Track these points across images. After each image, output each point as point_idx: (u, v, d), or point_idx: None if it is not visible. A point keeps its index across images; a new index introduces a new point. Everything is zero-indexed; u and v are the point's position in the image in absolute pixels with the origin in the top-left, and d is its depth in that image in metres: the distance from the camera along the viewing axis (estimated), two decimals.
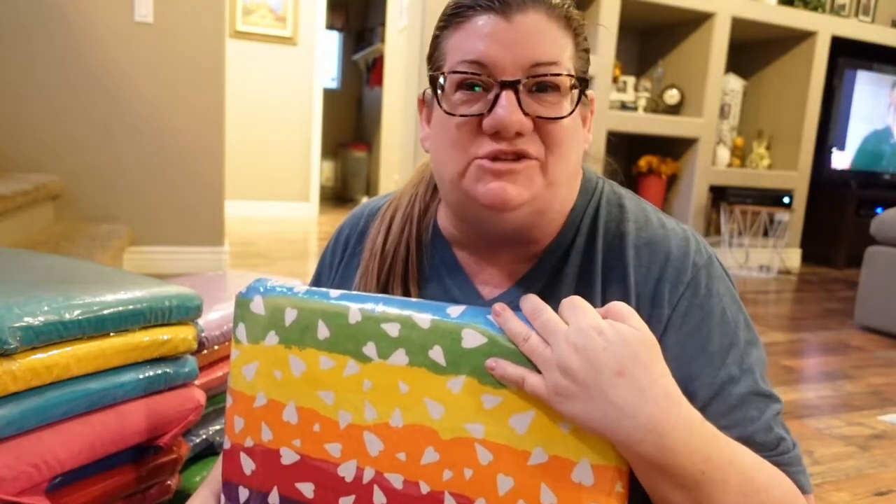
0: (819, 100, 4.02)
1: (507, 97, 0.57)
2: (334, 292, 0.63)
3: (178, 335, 0.85)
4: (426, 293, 0.71)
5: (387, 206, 0.75)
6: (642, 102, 3.74)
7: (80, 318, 0.73)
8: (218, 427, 1.03)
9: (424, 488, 0.56)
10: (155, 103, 2.73)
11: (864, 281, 2.74)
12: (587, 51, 0.63)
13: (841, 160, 4.24)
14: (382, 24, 5.41)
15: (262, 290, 0.65)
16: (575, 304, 0.53)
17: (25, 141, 2.58)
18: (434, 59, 0.64)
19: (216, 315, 1.03)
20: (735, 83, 4.03)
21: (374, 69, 6.11)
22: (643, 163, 3.80)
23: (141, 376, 0.81)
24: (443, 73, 0.60)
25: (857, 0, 4.37)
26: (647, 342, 0.51)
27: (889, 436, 1.63)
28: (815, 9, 4.04)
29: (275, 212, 5.15)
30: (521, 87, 0.57)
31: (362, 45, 6.64)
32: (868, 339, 2.59)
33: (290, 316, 0.63)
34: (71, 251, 1.97)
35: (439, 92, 0.61)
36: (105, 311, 0.76)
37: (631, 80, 3.79)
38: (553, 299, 0.57)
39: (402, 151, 3.60)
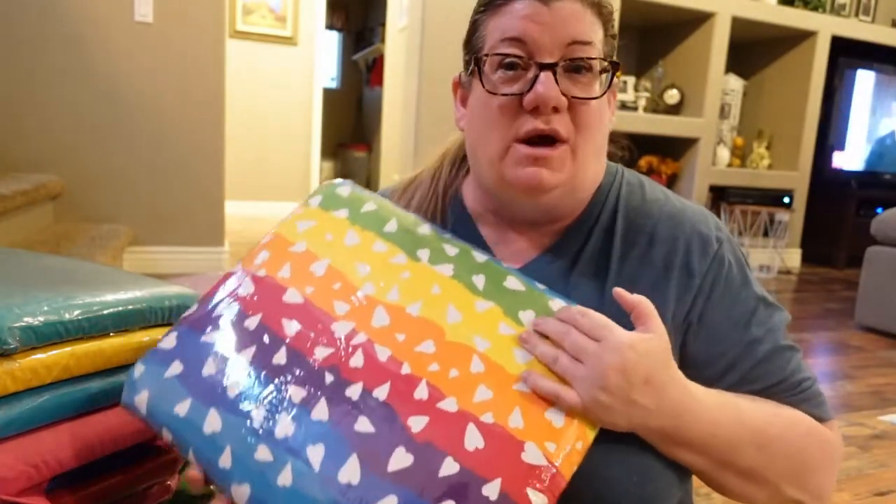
0: (819, 100, 4.02)
1: (545, 76, 0.61)
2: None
3: None
4: None
5: (408, 182, 0.79)
6: (642, 102, 3.73)
7: (80, 318, 0.73)
8: None
9: (405, 369, 0.57)
10: (155, 103, 2.73)
11: (864, 281, 2.74)
12: (614, 37, 0.67)
13: (841, 160, 4.24)
14: (382, 24, 5.41)
15: (353, 185, 0.73)
16: (599, 323, 0.56)
17: (25, 141, 2.58)
18: (473, 42, 0.68)
19: None
20: (735, 83, 4.02)
21: (374, 69, 6.10)
22: (643, 163, 3.79)
23: None
24: (486, 55, 0.64)
25: (858, 0, 4.37)
26: (666, 346, 0.57)
27: (889, 436, 1.63)
28: (815, 9, 4.04)
29: (275, 212, 5.15)
30: (558, 69, 0.61)
31: (362, 45, 6.63)
32: (868, 339, 2.59)
33: (369, 208, 0.69)
34: (71, 251, 1.97)
35: (480, 71, 0.65)
36: (105, 311, 0.76)
37: (631, 79, 3.79)
38: (574, 272, 0.66)
39: (402, 151, 3.59)
